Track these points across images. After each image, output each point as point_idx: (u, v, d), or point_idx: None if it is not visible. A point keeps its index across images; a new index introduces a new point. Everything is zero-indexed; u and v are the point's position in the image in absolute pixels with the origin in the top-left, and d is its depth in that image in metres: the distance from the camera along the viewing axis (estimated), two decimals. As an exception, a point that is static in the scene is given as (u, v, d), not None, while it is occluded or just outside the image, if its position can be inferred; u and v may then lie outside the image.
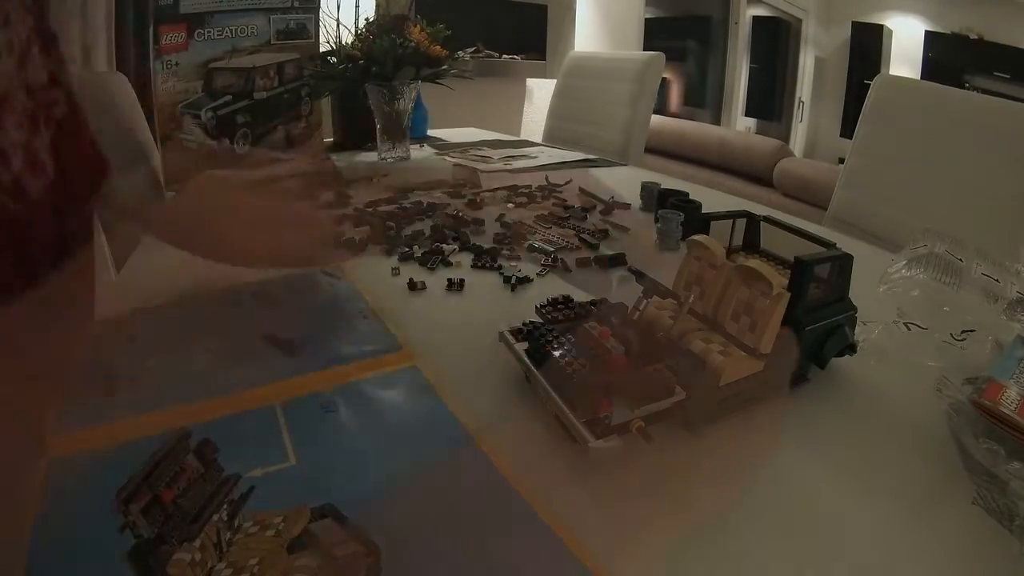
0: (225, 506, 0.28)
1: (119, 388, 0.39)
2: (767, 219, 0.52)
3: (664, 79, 4.46)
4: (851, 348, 0.45)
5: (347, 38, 1.10)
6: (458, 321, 0.53)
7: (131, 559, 0.25)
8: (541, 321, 0.44)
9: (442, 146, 1.36)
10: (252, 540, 0.26)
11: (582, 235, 0.75)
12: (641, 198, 0.91)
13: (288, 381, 0.41)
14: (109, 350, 0.44)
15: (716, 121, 4.76)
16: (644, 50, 2.88)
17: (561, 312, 0.45)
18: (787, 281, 0.41)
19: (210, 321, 0.50)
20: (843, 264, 0.44)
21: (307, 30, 1.12)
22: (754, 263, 0.40)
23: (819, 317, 0.43)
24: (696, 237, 0.45)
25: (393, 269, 0.63)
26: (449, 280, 0.60)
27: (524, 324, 0.44)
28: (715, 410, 0.39)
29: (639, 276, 0.55)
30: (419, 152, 1.27)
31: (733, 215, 0.52)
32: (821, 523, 0.32)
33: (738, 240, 0.53)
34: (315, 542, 0.26)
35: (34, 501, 0.29)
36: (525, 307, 0.49)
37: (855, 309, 0.45)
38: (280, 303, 0.54)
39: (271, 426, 0.37)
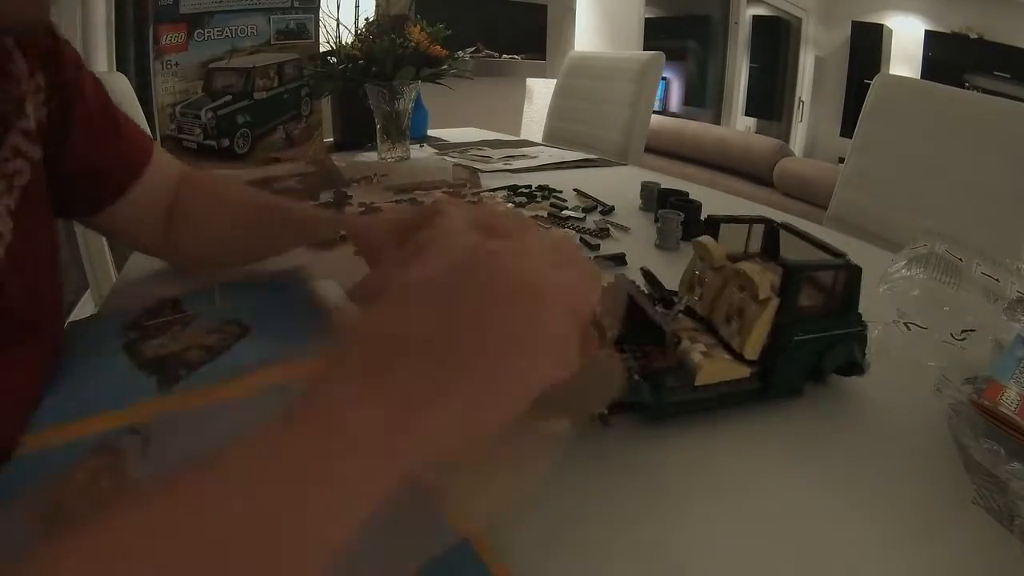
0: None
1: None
2: (784, 226, 0.48)
3: (664, 79, 4.47)
4: (857, 368, 0.42)
5: (347, 38, 1.10)
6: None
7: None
8: None
9: (442, 146, 1.36)
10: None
11: (582, 235, 0.75)
12: (641, 198, 0.91)
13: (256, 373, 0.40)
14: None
15: (716, 121, 4.76)
16: (644, 50, 2.88)
17: None
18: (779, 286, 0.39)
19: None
20: (850, 276, 0.41)
21: (307, 30, 1.12)
22: (747, 266, 0.39)
23: (815, 328, 0.40)
24: (700, 238, 0.44)
25: (393, 269, 0.63)
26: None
27: None
28: (688, 408, 0.39)
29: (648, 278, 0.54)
30: (419, 152, 1.27)
31: (750, 220, 0.49)
32: (820, 523, 0.32)
33: (755, 246, 0.49)
34: None
35: None
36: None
37: (864, 326, 0.42)
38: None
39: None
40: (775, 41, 5.08)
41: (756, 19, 4.85)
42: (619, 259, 0.67)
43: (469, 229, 0.24)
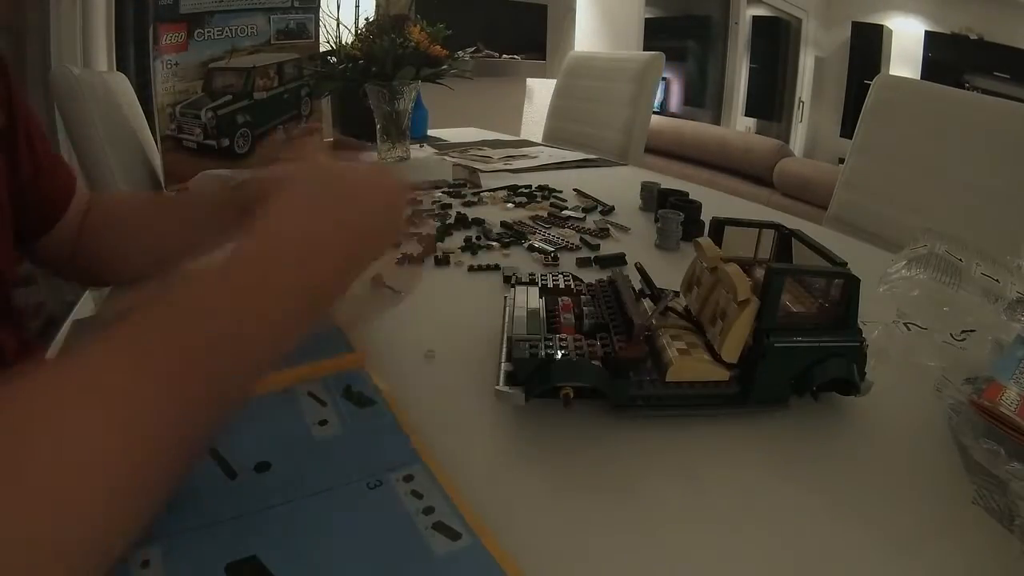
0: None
1: None
2: (795, 233, 0.47)
3: (664, 79, 4.46)
4: (852, 387, 0.39)
5: (347, 38, 1.10)
6: (461, 320, 0.53)
7: None
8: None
9: (442, 146, 1.36)
10: None
11: (582, 235, 0.75)
12: (641, 198, 0.91)
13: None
14: None
15: (716, 121, 4.76)
16: (644, 50, 2.88)
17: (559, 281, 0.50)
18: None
19: None
20: (847, 286, 0.39)
21: (307, 30, 1.12)
22: (730, 267, 0.39)
23: (800, 336, 0.38)
24: (699, 239, 0.44)
25: (393, 269, 0.63)
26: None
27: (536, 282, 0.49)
28: (659, 404, 0.39)
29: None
30: (419, 152, 1.27)
31: (760, 224, 0.48)
32: (820, 523, 0.32)
33: (765, 252, 0.48)
34: None
35: None
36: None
37: (862, 342, 0.39)
38: None
39: None
40: (775, 41, 5.07)
41: (756, 19, 4.85)
42: (619, 259, 0.67)
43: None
